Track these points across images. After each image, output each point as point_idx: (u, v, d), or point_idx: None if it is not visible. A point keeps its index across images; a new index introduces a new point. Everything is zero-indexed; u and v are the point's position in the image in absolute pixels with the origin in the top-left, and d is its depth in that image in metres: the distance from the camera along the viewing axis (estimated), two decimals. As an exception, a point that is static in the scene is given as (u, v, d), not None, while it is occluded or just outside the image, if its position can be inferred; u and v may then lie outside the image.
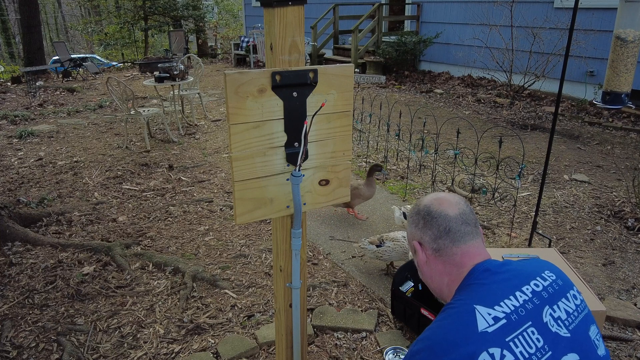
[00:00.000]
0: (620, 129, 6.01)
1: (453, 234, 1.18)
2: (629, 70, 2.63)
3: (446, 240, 1.18)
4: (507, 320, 1.00)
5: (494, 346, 0.96)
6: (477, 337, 0.97)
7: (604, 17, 6.64)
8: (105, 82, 5.60)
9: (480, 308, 1.02)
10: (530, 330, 1.01)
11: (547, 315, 1.05)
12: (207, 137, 6.06)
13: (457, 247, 1.18)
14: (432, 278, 1.23)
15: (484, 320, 1.00)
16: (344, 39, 10.93)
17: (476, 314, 1.01)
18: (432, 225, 1.20)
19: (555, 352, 1.01)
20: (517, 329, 1.00)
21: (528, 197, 4.04)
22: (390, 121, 4.79)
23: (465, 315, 1.02)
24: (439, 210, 1.21)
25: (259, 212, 1.41)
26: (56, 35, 27.26)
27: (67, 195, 4.22)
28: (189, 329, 2.46)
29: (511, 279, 1.10)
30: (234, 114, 1.28)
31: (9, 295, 2.77)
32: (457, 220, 1.19)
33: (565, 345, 1.03)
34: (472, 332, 0.98)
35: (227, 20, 21.42)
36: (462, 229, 1.18)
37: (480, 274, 1.12)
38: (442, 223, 1.19)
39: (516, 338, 0.99)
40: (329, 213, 3.83)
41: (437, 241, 1.19)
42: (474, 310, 1.02)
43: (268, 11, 1.31)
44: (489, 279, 1.10)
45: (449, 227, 1.18)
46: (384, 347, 2.29)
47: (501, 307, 1.02)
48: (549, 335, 1.02)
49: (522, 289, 1.07)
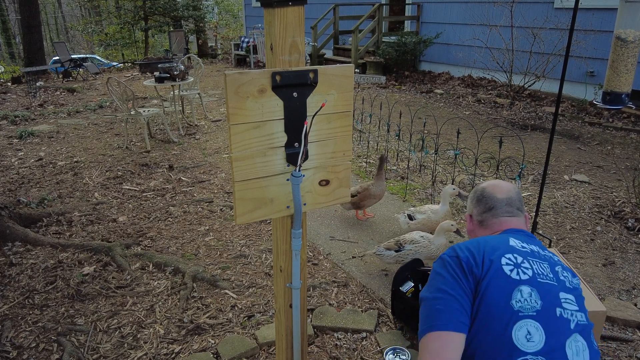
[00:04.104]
0: (621, 129, 6.01)
1: (495, 210, 1.50)
2: (629, 71, 2.63)
3: (488, 215, 1.51)
4: (531, 252, 1.33)
5: (518, 254, 1.30)
6: (507, 246, 1.33)
7: (604, 17, 6.64)
8: (106, 83, 5.60)
9: (513, 239, 1.36)
10: (545, 265, 1.31)
11: (558, 269, 1.33)
12: (207, 138, 6.06)
13: (497, 219, 1.49)
14: None
15: (514, 242, 1.34)
16: (344, 39, 10.93)
17: (509, 239, 1.36)
18: (482, 203, 1.54)
19: (560, 286, 1.27)
20: (537, 259, 1.31)
21: (528, 197, 4.03)
22: (391, 121, 4.79)
23: (502, 236, 1.38)
24: (490, 193, 1.53)
25: (259, 212, 1.41)
26: (56, 35, 27.26)
27: (67, 196, 4.22)
28: (189, 329, 2.46)
29: (536, 240, 1.42)
30: (234, 114, 1.28)
31: (9, 295, 2.77)
32: (502, 202, 1.50)
33: (566, 289, 1.28)
34: (504, 243, 1.33)
35: (227, 20, 21.42)
36: (504, 209, 1.49)
37: (515, 232, 1.44)
38: (489, 203, 1.51)
39: (534, 261, 1.30)
40: (329, 213, 3.83)
41: (482, 215, 1.53)
42: (508, 237, 1.37)
43: (268, 11, 1.31)
44: (521, 233, 1.43)
45: (493, 206, 1.50)
46: (384, 348, 2.29)
47: (528, 246, 1.36)
48: (557, 277, 1.30)
49: (545, 250, 1.39)
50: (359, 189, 3.50)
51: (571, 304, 1.25)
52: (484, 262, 1.26)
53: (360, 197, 3.46)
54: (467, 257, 1.28)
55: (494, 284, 1.22)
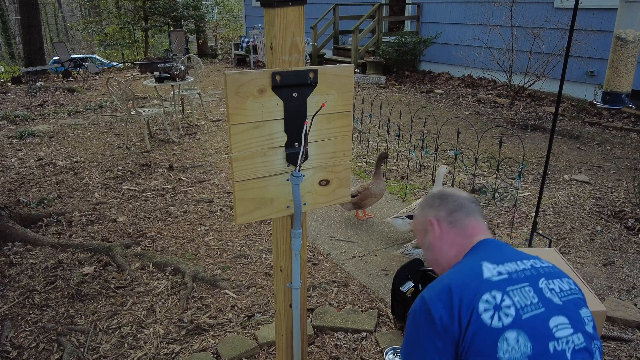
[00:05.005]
0: (621, 129, 6.01)
1: (466, 208, 1.38)
2: (629, 71, 2.63)
3: (460, 213, 1.37)
4: (509, 276, 1.17)
5: (495, 290, 1.13)
6: (481, 281, 1.15)
7: (604, 17, 6.64)
8: (106, 83, 5.60)
9: (486, 264, 1.20)
10: (527, 288, 1.16)
11: (542, 283, 1.19)
12: (207, 138, 6.06)
13: (469, 219, 1.36)
14: (442, 250, 1.37)
15: (489, 271, 1.17)
16: (344, 39, 10.92)
17: (482, 266, 1.19)
18: (448, 201, 1.39)
19: (548, 310, 1.14)
20: (516, 284, 1.16)
21: (528, 197, 4.03)
22: (391, 121, 4.79)
23: (473, 266, 1.20)
24: (451, 192, 1.42)
25: (259, 212, 1.41)
26: (56, 35, 27.26)
27: (67, 196, 4.22)
28: (189, 329, 2.46)
29: (514, 252, 1.28)
30: (234, 114, 1.28)
31: (9, 295, 2.77)
32: (468, 200, 1.40)
33: (556, 309, 1.15)
34: (478, 277, 1.16)
35: (227, 20, 21.43)
36: (472, 206, 1.39)
37: (487, 244, 1.31)
38: (456, 200, 1.39)
39: (515, 290, 1.14)
40: (329, 213, 3.83)
41: (453, 214, 1.37)
42: (480, 264, 1.20)
43: (268, 11, 1.31)
44: (495, 248, 1.29)
45: (462, 203, 1.38)
46: (384, 347, 2.29)
47: (504, 267, 1.19)
48: (543, 297, 1.16)
49: (523, 260, 1.23)
50: (359, 188, 3.50)
51: (565, 329, 1.13)
52: (461, 314, 1.11)
53: (361, 197, 3.46)
54: (440, 314, 1.12)
55: (476, 342, 1.09)
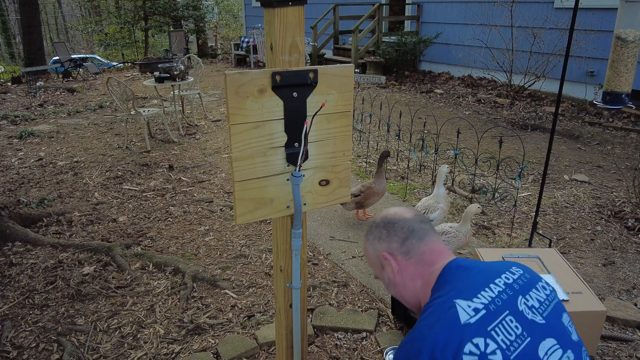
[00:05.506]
0: (621, 129, 6.01)
1: (417, 232, 1.23)
2: (629, 71, 2.63)
3: (413, 240, 1.22)
4: (487, 310, 1.04)
5: (477, 336, 1.00)
6: (460, 329, 1.00)
7: (604, 17, 6.64)
8: (106, 83, 5.60)
9: (460, 302, 1.05)
10: (508, 318, 1.05)
11: (521, 304, 1.09)
12: (207, 138, 6.06)
13: (424, 244, 1.22)
14: (406, 285, 1.24)
15: (465, 312, 1.03)
16: (344, 39, 10.92)
17: (457, 308, 1.04)
18: (396, 230, 1.24)
19: (534, 337, 1.05)
20: (496, 318, 1.04)
21: (528, 197, 4.03)
22: (391, 121, 4.79)
23: (447, 310, 1.05)
24: (396, 216, 1.26)
25: (259, 212, 1.41)
26: (56, 35, 27.26)
27: (68, 196, 4.22)
28: (189, 329, 2.46)
29: (483, 273, 1.14)
30: (234, 114, 1.28)
31: (9, 295, 2.77)
32: (416, 220, 1.25)
33: (542, 331, 1.07)
34: (455, 325, 1.01)
35: (227, 20, 21.43)
36: (422, 227, 1.24)
37: (454, 271, 1.16)
38: (405, 225, 1.24)
39: (497, 327, 1.02)
40: (329, 213, 3.83)
41: (405, 243, 1.22)
42: (454, 304, 1.05)
43: (268, 11, 1.31)
44: (463, 274, 1.14)
45: (411, 227, 1.23)
46: (384, 348, 2.29)
47: (479, 299, 1.06)
48: (526, 323, 1.06)
49: (495, 281, 1.12)
50: (361, 188, 3.50)
51: (555, 351, 1.06)
52: None
53: (364, 196, 3.47)
54: None
55: None
